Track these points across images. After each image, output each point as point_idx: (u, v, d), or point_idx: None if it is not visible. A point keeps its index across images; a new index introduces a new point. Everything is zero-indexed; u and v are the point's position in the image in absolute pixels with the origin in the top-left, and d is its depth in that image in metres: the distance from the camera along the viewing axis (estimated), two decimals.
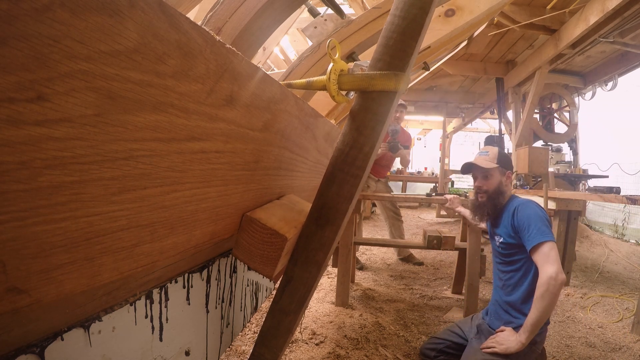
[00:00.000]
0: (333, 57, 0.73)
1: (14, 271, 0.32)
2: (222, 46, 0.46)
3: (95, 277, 0.42)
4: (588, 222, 6.16)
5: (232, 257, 1.07)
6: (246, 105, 0.57)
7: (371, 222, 6.17)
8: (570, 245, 3.15)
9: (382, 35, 0.70)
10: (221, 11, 0.97)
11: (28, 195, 0.30)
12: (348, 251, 2.55)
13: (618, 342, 2.16)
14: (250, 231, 0.77)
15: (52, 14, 0.27)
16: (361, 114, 0.74)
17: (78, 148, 0.32)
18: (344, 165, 0.76)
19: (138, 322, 0.71)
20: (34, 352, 0.49)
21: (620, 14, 3.19)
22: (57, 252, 0.35)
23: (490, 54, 5.08)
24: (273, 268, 0.77)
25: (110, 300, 0.62)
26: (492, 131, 8.54)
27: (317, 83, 0.78)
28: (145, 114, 0.38)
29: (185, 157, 0.47)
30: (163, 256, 0.54)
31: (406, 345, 2.01)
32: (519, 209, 1.66)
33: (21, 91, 0.27)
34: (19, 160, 0.28)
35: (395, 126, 3.41)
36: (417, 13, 0.67)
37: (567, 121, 5.79)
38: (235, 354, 1.79)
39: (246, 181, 0.70)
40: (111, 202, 0.39)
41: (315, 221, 0.80)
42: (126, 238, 0.44)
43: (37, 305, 0.37)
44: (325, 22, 1.37)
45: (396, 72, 0.69)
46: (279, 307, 0.84)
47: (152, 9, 0.35)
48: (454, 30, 1.68)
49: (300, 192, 1.16)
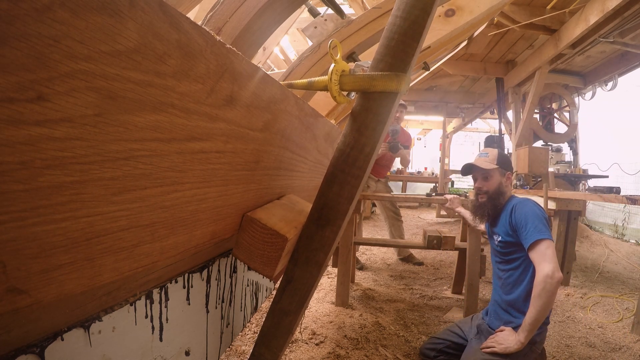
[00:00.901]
0: (334, 58, 0.73)
1: (14, 271, 0.32)
2: (223, 46, 0.46)
3: (95, 277, 0.42)
4: (588, 222, 6.16)
5: (232, 257, 1.07)
6: (246, 105, 0.57)
7: (371, 222, 6.17)
8: (570, 245, 3.15)
9: (384, 36, 0.70)
10: (221, 11, 0.97)
11: (28, 195, 0.30)
12: (348, 251, 2.55)
13: (618, 342, 2.16)
14: (251, 231, 0.77)
15: (53, 14, 0.27)
16: (362, 115, 0.74)
17: (78, 148, 0.32)
18: (344, 166, 0.76)
19: (138, 322, 0.71)
20: (34, 352, 0.49)
21: (620, 14, 3.19)
22: (57, 252, 0.35)
23: (490, 54, 5.08)
24: (273, 268, 0.77)
25: (110, 300, 0.62)
26: (492, 131, 8.54)
27: (319, 83, 0.78)
28: (146, 114, 0.38)
29: (186, 157, 0.47)
30: (163, 256, 0.54)
31: (406, 345, 2.01)
32: (516, 207, 1.66)
33: (21, 91, 0.27)
34: (19, 160, 0.28)
35: (395, 126, 3.41)
36: (419, 14, 0.67)
37: (567, 121, 5.79)
38: (235, 354, 1.79)
39: (246, 181, 0.70)
40: (111, 202, 0.39)
41: (316, 221, 0.80)
42: (127, 238, 0.44)
43: (37, 305, 0.37)
44: (326, 22, 1.37)
45: (397, 72, 0.69)
46: (279, 307, 0.84)
47: (153, 9, 0.35)
48: (454, 30, 1.68)
49: (300, 192, 1.16)
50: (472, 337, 1.75)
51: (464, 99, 7.07)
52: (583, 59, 4.76)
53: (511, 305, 1.65)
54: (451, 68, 5.22)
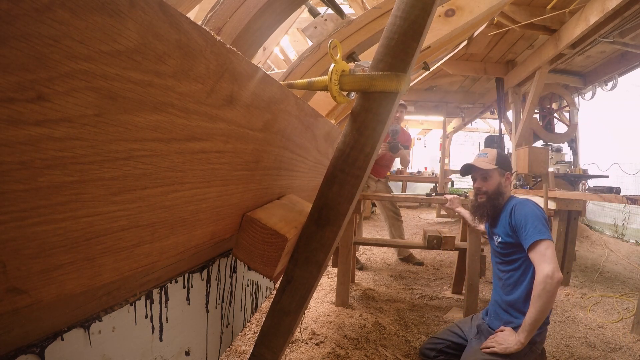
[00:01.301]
0: (334, 58, 0.73)
1: (14, 271, 0.32)
2: (223, 46, 0.46)
3: (95, 277, 0.42)
4: (588, 222, 6.16)
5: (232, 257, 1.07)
6: (246, 105, 0.57)
7: (371, 222, 6.17)
8: (570, 245, 3.15)
9: (384, 36, 0.70)
10: (221, 11, 0.97)
11: (28, 195, 0.30)
12: (348, 251, 2.55)
13: (618, 342, 2.16)
14: (251, 231, 0.77)
15: (53, 14, 0.27)
16: (362, 115, 0.74)
17: (78, 148, 0.32)
18: (344, 166, 0.76)
19: (138, 322, 0.71)
20: (34, 352, 0.49)
21: (620, 14, 3.19)
22: (57, 252, 0.35)
23: (490, 54, 5.08)
24: (273, 268, 0.77)
25: (110, 300, 0.62)
26: (492, 131, 8.54)
27: (319, 83, 0.78)
28: (146, 114, 0.38)
29: (186, 157, 0.47)
30: (163, 256, 0.54)
31: (406, 345, 2.01)
32: (516, 207, 1.66)
33: (21, 91, 0.27)
34: (19, 160, 0.28)
35: (395, 126, 3.41)
36: (419, 14, 0.67)
37: (567, 121, 5.79)
38: (235, 354, 1.79)
39: (246, 181, 0.70)
40: (111, 202, 0.39)
41: (316, 221, 0.80)
42: (127, 238, 0.44)
43: (37, 305, 0.37)
44: (325, 22, 1.37)
45: (397, 72, 0.69)
46: (279, 307, 0.84)
47: (153, 9, 0.35)
48: (454, 30, 1.68)
49: (300, 192, 1.16)
50: (472, 337, 1.75)
51: (464, 99, 7.07)
52: (583, 59, 4.76)
53: (511, 306, 1.65)
54: (451, 68, 5.22)
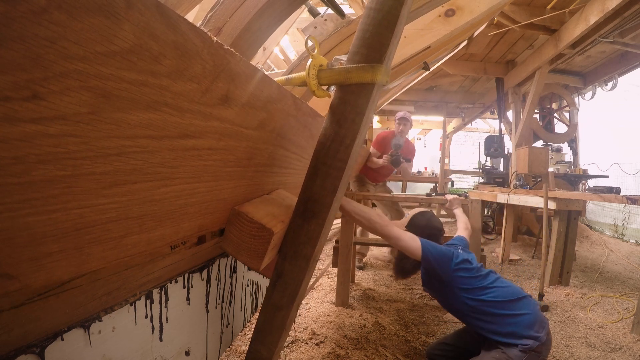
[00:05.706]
0: (312, 53, 0.74)
1: (6, 258, 0.34)
2: (220, 47, 0.46)
3: (83, 265, 0.44)
4: (588, 222, 6.15)
5: (232, 257, 1.08)
6: (242, 104, 0.57)
7: None
8: (570, 245, 3.14)
9: (359, 29, 0.71)
10: (221, 11, 0.97)
11: (22, 188, 0.31)
12: (348, 251, 2.55)
13: (618, 342, 2.16)
14: (238, 224, 0.77)
15: (49, 16, 0.27)
16: (340, 107, 0.74)
17: (71, 144, 0.33)
18: (326, 159, 0.76)
19: (138, 322, 0.72)
20: (34, 352, 0.50)
21: (620, 14, 3.19)
22: (47, 241, 0.37)
23: (490, 54, 5.08)
24: (260, 261, 0.78)
25: (110, 300, 0.62)
26: (492, 131, 8.52)
27: (297, 79, 0.79)
28: (139, 112, 0.39)
29: (177, 153, 0.48)
30: (150, 247, 0.55)
31: (406, 345, 2.01)
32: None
33: (17, 90, 0.27)
34: (14, 155, 0.29)
35: (398, 139, 3.31)
36: (392, 4, 0.67)
37: (567, 121, 5.79)
38: (235, 354, 1.79)
39: (238, 177, 0.70)
40: (102, 196, 0.40)
41: (302, 215, 0.81)
42: (115, 229, 0.45)
43: (26, 290, 0.38)
44: (325, 22, 1.37)
45: (373, 64, 0.69)
46: (272, 303, 0.85)
47: (150, 10, 0.35)
48: (454, 30, 1.68)
49: (293, 189, 1.16)
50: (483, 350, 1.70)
51: (464, 99, 7.07)
52: (583, 59, 4.76)
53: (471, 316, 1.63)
54: (451, 68, 5.22)
